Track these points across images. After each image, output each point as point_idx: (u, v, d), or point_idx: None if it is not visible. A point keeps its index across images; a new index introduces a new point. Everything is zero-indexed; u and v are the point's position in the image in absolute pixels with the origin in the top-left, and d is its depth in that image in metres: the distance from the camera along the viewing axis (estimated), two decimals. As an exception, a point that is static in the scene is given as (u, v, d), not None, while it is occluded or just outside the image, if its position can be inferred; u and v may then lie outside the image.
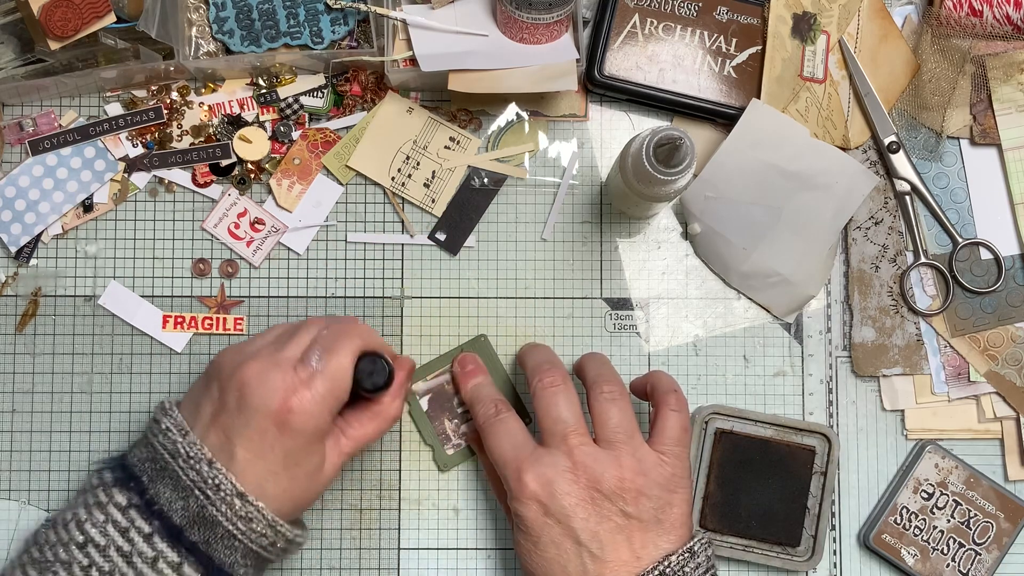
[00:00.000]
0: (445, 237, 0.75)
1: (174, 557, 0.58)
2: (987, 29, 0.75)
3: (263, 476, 0.59)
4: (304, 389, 0.59)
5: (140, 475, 0.60)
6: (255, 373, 0.60)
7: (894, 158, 0.75)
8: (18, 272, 0.74)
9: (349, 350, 0.62)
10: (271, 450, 0.59)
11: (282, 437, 0.59)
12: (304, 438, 0.60)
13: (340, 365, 0.61)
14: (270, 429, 0.59)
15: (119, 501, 0.59)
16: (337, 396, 0.61)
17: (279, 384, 0.59)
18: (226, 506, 0.58)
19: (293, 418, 0.59)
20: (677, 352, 0.75)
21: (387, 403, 0.65)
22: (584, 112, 0.76)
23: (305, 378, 0.60)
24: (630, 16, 0.74)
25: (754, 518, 0.72)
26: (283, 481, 0.60)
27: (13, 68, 0.72)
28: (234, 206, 0.74)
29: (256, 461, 0.59)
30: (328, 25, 0.73)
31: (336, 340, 0.62)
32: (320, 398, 0.60)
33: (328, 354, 0.61)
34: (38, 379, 0.74)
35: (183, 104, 0.75)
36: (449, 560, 0.73)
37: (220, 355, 0.63)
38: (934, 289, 0.75)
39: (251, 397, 0.59)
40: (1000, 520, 0.73)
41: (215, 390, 0.61)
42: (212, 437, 0.60)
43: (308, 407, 0.59)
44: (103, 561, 0.58)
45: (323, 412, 0.60)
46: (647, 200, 0.67)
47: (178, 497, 0.59)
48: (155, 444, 0.60)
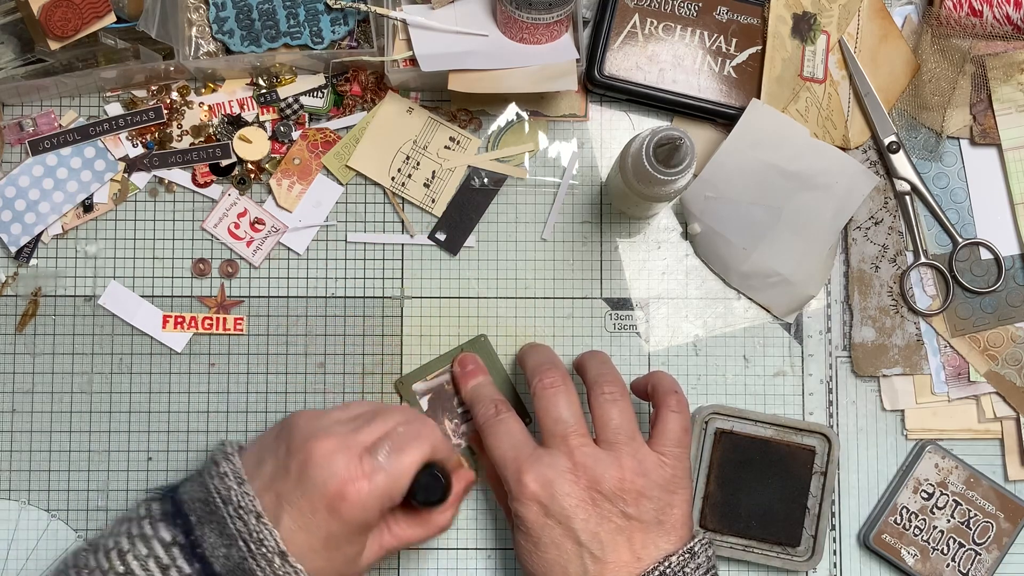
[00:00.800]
0: (445, 237, 0.75)
1: None
2: (987, 29, 0.75)
3: (303, 549, 0.59)
4: (364, 481, 0.59)
5: (189, 514, 0.59)
6: (324, 450, 0.59)
7: (894, 158, 0.75)
8: (18, 272, 0.74)
9: (417, 455, 0.61)
10: (316, 528, 0.59)
11: (330, 519, 0.59)
12: (350, 527, 0.59)
13: (404, 469, 0.60)
14: (320, 509, 0.59)
15: (164, 537, 0.59)
16: (393, 497, 0.61)
17: (342, 469, 0.59)
18: (266, 563, 0.58)
19: (345, 506, 0.58)
20: (677, 352, 0.75)
21: (438, 513, 0.65)
22: (584, 112, 0.76)
23: (368, 471, 0.59)
24: (630, 16, 0.74)
25: (754, 518, 0.72)
26: (319, 560, 0.59)
27: (13, 68, 0.72)
28: (234, 206, 0.74)
29: (299, 533, 0.59)
30: (328, 25, 0.73)
31: (408, 442, 0.61)
32: (376, 494, 0.59)
33: (397, 453, 0.60)
34: (38, 379, 0.74)
35: (183, 104, 0.75)
36: (449, 560, 0.73)
37: (296, 417, 0.63)
38: (934, 289, 0.75)
39: (313, 473, 0.59)
40: (1000, 520, 0.73)
41: (282, 452, 0.61)
42: (267, 495, 0.59)
43: (363, 499, 0.59)
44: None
45: (375, 508, 0.60)
46: (647, 200, 0.67)
47: (222, 544, 0.58)
48: (209, 486, 0.60)
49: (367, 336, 0.74)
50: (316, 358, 0.74)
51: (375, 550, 0.63)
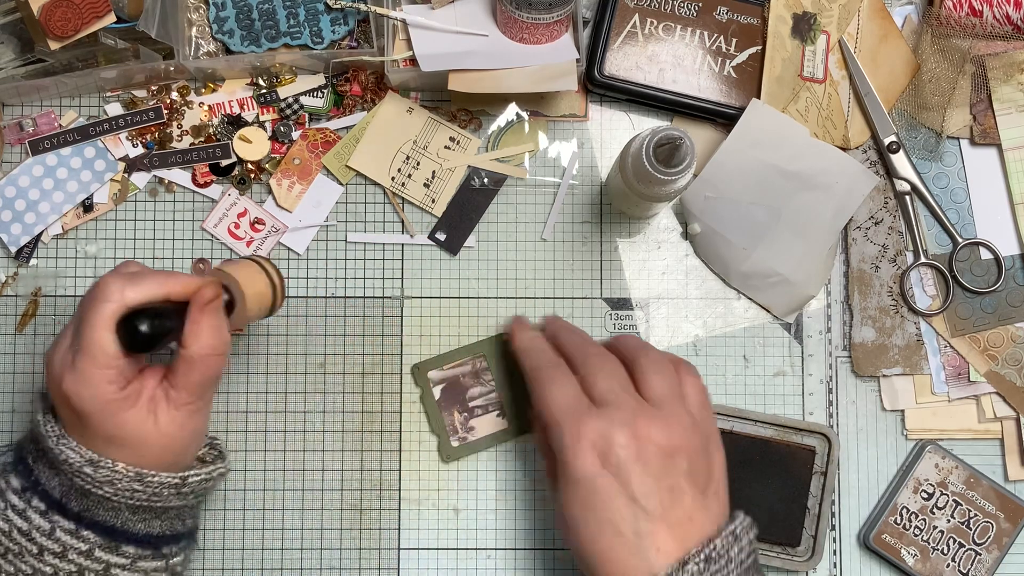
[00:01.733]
0: (445, 237, 0.75)
1: (69, 524, 0.59)
2: (987, 29, 0.75)
3: (100, 449, 0.59)
4: (68, 372, 0.59)
5: (26, 457, 0.61)
6: (47, 361, 0.61)
7: (894, 158, 0.75)
8: (18, 272, 0.74)
9: (99, 319, 0.58)
10: (84, 432, 0.59)
11: (81, 419, 0.59)
12: (97, 416, 0.59)
13: (92, 339, 0.58)
14: (69, 416, 0.60)
15: (15, 485, 0.61)
16: (104, 366, 0.58)
17: (54, 371, 0.60)
18: (84, 476, 0.59)
19: (72, 402, 0.58)
20: (677, 352, 0.75)
21: (188, 345, 0.60)
22: (584, 112, 0.76)
23: (70, 360, 0.59)
24: (630, 16, 0.74)
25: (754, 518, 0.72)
26: (117, 451, 0.60)
27: (13, 68, 0.72)
28: (234, 206, 0.74)
29: (81, 440, 0.60)
30: (328, 25, 0.73)
31: (85, 312, 0.59)
32: (85, 376, 0.58)
33: (81, 329, 0.59)
34: (38, 379, 0.74)
35: (183, 104, 0.75)
36: (449, 560, 0.73)
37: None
38: (934, 289, 0.75)
39: (49, 385, 0.60)
40: (1000, 520, 0.73)
41: None
42: (58, 424, 0.61)
43: (77, 390, 0.58)
44: (11, 544, 0.60)
45: (97, 385, 0.58)
46: (647, 200, 0.67)
47: (53, 474, 0.60)
48: (32, 428, 0.62)
49: (367, 336, 0.74)
50: (316, 358, 0.74)
51: (171, 412, 0.60)
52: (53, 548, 0.59)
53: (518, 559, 0.74)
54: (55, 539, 0.59)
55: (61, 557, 0.59)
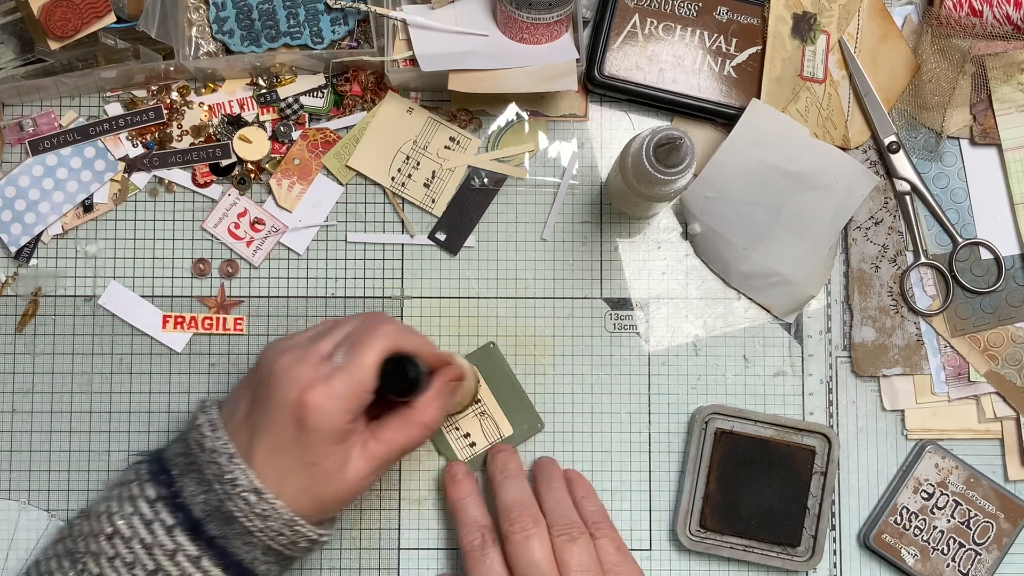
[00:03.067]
0: (445, 237, 0.75)
1: (193, 550, 0.58)
2: (987, 29, 0.75)
3: (281, 474, 0.58)
4: (321, 384, 0.58)
5: (171, 469, 0.60)
6: (283, 365, 0.59)
7: (894, 158, 0.75)
8: (18, 272, 0.74)
9: (375, 349, 0.59)
10: (289, 446, 0.58)
11: (299, 434, 0.58)
12: (320, 436, 0.58)
13: (362, 363, 0.59)
14: (288, 425, 0.58)
15: (149, 494, 0.59)
16: (357, 395, 0.59)
17: (300, 378, 0.58)
18: (243, 502, 0.58)
19: (308, 414, 0.57)
20: (677, 352, 0.75)
21: (419, 409, 0.63)
22: (584, 112, 0.76)
23: (326, 373, 0.58)
24: (630, 16, 0.74)
25: (754, 518, 0.72)
26: (301, 480, 0.59)
27: (13, 68, 0.72)
28: (234, 206, 0.74)
29: (273, 457, 0.58)
30: (328, 25, 0.73)
31: (363, 338, 0.60)
32: (337, 396, 0.58)
33: (352, 351, 0.59)
34: (38, 379, 0.74)
35: (183, 104, 0.75)
36: (449, 560, 0.73)
37: (265, 348, 0.62)
38: (934, 289, 0.75)
39: (274, 390, 0.58)
40: (1000, 520, 0.73)
41: (253, 383, 0.61)
42: (243, 432, 0.59)
43: (323, 403, 0.57)
44: (127, 552, 0.58)
45: (340, 410, 0.58)
46: (647, 200, 0.67)
47: (200, 491, 0.59)
48: (188, 439, 0.61)
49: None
50: (316, 358, 0.74)
51: (362, 462, 0.60)
52: (170, 571, 0.58)
53: (518, 559, 0.74)
54: (175, 562, 0.58)
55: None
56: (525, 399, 0.74)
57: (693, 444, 0.73)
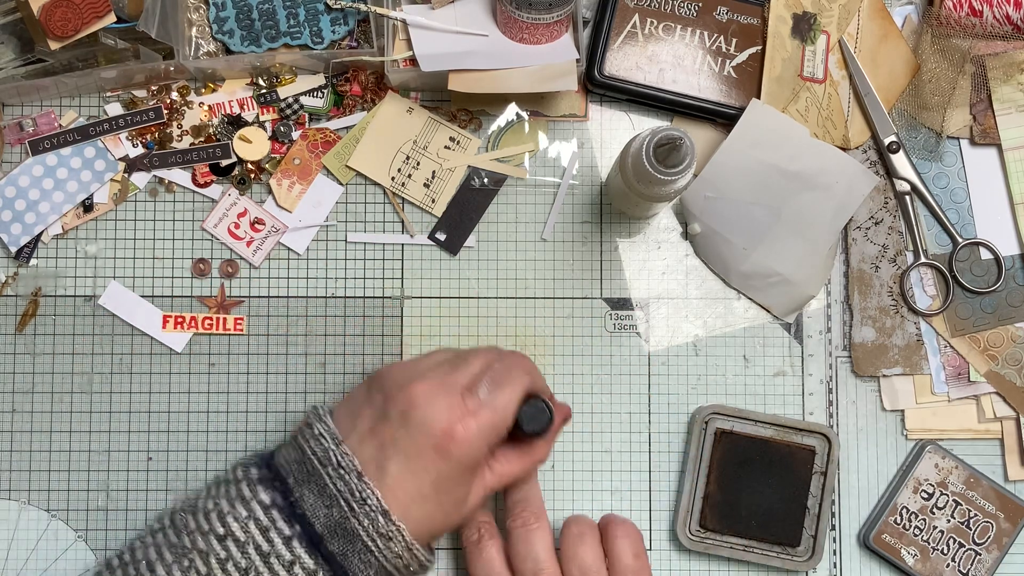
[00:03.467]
0: (445, 237, 0.75)
1: (310, 564, 0.57)
2: (987, 29, 0.75)
3: (411, 497, 0.58)
4: (470, 418, 0.59)
5: (286, 476, 0.59)
6: (424, 391, 0.59)
7: (894, 158, 0.75)
8: (18, 272, 0.74)
9: (519, 388, 0.61)
10: (424, 472, 0.58)
11: (438, 461, 0.58)
12: (459, 467, 0.59)
13: (508, 401, 0.60)
14: (428, 451, 0.58)
15: (263, 499, 0.58)
16: (499, 432, 0.60)
17: (445, 408, 0.58)
18: (369, 521, 0.57)
19: (454, 446, 0.58)
20: (677, 352, 0.75)
21: (538, 445, 0.65)
22: (584, 112, 0.76)
23: (473, 408, 0.59)
24: (630, 16, 0.74)
25: (754, 518, 0.72)
26: (429, 506, 0.59)
27: (13, 68, 0.72)
28: (234, 206, 0.74)
29: (408, 479, 0.58)
30: (328, 25, 0.73)
31: (507, 375, 0.61)
32: (483, 431, 0.59)
33: (498, 388, 0.60)
34: (38, 379, 0.74)
35: (183, 104, 0.75)
36: (449, 560, 0.73)
37: (387, 368, 0.62)
38: (934, 289, 0.75)
39: (417, 414, 0.58)
40: (1000, 520, 0.73)
41: (378, 401, 0.60)
42: (367, 447, 0.59)
43: (470, 437, 0.58)
44: (241, 557, 0.57)
45: (482, 445, 0.59)
46: (647, 200, 0.67)
47: (322, 505, 0.58)
48: (305, 448, 0.60)
49: (367, 336, 0.74)
50: (316, 358, 0.74)
51: (479, 491, 0.62)
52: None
53: None
54: (292, 574, 0.57)
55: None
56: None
57: (693, 444, 0.73)
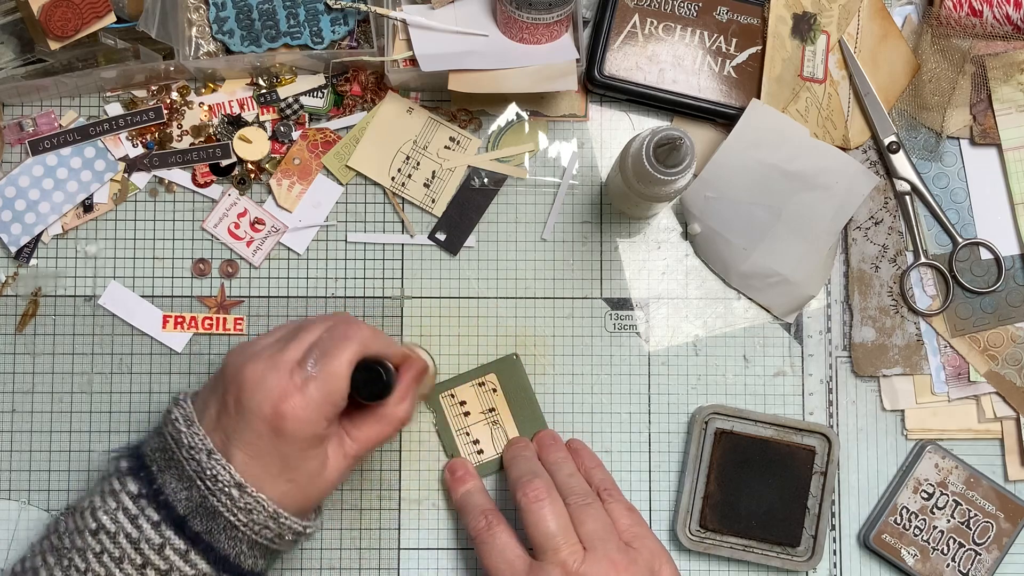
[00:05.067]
0: (445, 237, 0.75)
1: (181, 544, 0.58)
2: (987, 29, 0.75)
3: (261, 478, 0.59)
4: (297, 394, 0.59)
5: (150, 464, 0.60)
6: (252, 375, 0.59)
7: (894, 158, 0.75)
8: (18, 272, 0.74)
9: (346, 356, 0.61)
10: (267, 454, 0.59)
11: (277, 441, 0.59)
12: (299, 443, 0.59)
13: (335, 372, 0.60)
14: (265, 433, 0.59)
15: (131, 490, 0.60)
16: (333, 402, 0.60)
17: (274, 388, 0.59)
18: (225, 496, 0.58)
19: (286, 424, 0.59)
20: (677, 352, 0.75)
21: (391, 407, 0.65)
22: (584, 112, 0.76)
23: (299, 383, 0.59)
24: (630, 16, 0.74)
25: (754, 518, 0.72)
26: (281, 484, 0.60)
27: (13, 68, 0.72)
28: (234, 206, 0.74)
29: (253, 463, 0.59)
30: (328, 25, 0.73)
31: (333, 345, 0.61)
32: (314, 404, 0.59)
33: (324, 359, 0.60)
34: (38, 379, 0.74)
35: (183, 104, 0.75)
36: (449, 560, 0.73)
37: (229, 353, 0.63)
38: (934, 289, 0.75)
39: (248, 400, 0.59)
40: (1000, 520, 0.73)
41: (220, 390, 0.61)
42: (215, 437, 0.60)
43: (301, 413, 0.59)
44: (113, 547, 0.59)
45: (318, 418, 0.60)
46: (647, 200, 0.67)
47: (182, 487, 0.59)
48: (164, 434, 0.61)
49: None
50: (316, 358, 0.74)
51: (339, 460, 0.62)
52: (158, 564, 0.58)
53: None
54: (163, 556, 0.58)
55: (164, 575, 0.58)
56: (537, 412, 0.74)
57: (693, 444, 0.73)
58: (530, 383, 0.74)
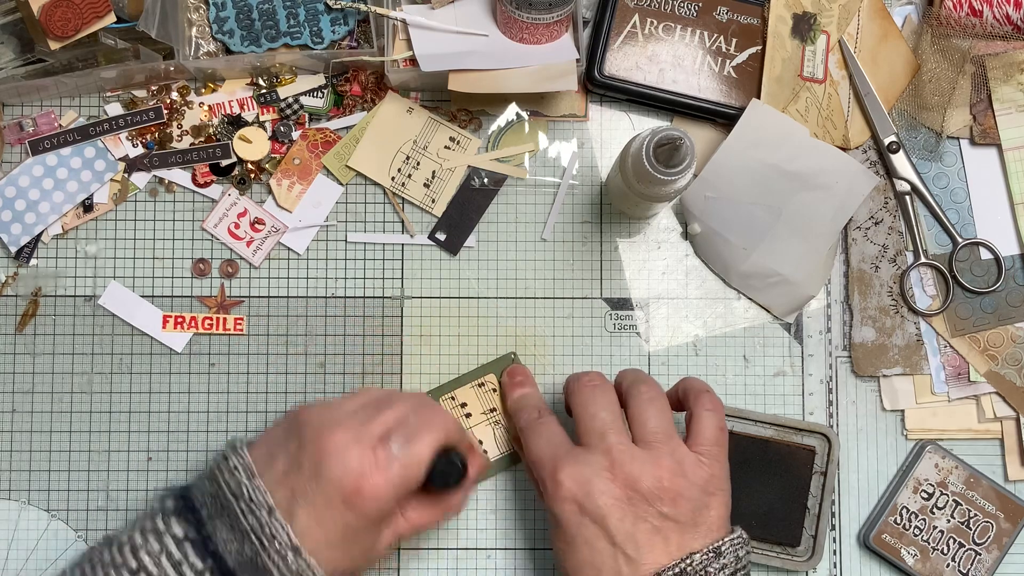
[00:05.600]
0: (445, 237, 0.75)
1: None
2: (987, 29, 0.75)
3: (319, 544, 0.58)
4: (380, 474, 0.59)
5: (200, 508, 0.59)
6: (337, 444, 0.59)
7: (894, 158, 0.75)
8: (18, 272, 0.74)
9: (431, 443, 0.61)
10: (332, 522, 0.58)
11: (346, 513, 0.58)
12: (368, 520, 0.59)
13: (419, 457, 0.60)
14: (337, 503, 0.58)
15: (176, 532, 0.59)
16: (409, 486, 0.60)
17: (356, 462, 0.58)
18: (279, 557, 0.57)
19: (361, 500, 0.58)
20: (677, 352, 0.75)
21: (453, 496, 0.65)
22: (584, 112, 0.76)
23: (383, 463, 0.59)
24: (630, 16, 0.74)
25: (754, 518, 0.72)
26: (336, 552, 0.59)
27: (13, 68, 0.72)
28: (234, 206, 0.74)
29: (316, 528, 0.58)
30: (328, 25, 0.73)
31: (421, 430, 0.61)
32: (392, 486, 0.59)
33: (411, 443, 0.60)
34: (38, 379, 0.74)
35: (183, 104, 0.75)
36: (449, 560, 0.73)
37: (305, 411, 0.62)
38: (934, 289, 0.75)
39: (328, 467, 0.58)
40: (1000, 520, 0.73)
41: (293, 447, 0.60)
42: (280, 492, 0.59)
43: (379, 492, 0.59)
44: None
45: (391, 499, 0.60)
46: (647, 200, 0.67)
47: (235, 539, 0.58)
48: (219, 480, 0.60)
49: (367, 336, 0.74)
50: (316, 358, 0.74)
51: (389, 538, 0.62)
52: None
53: (518, 559, 0.74)
54: None
55: None
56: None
57: (693, 444, 0.73)
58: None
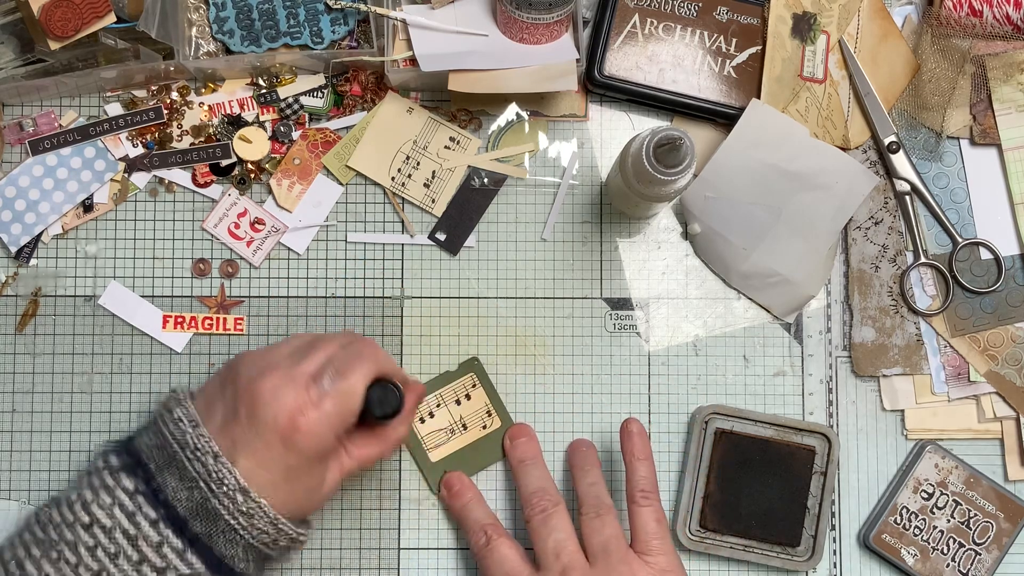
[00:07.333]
0: (445, 237, 0.75)
1: (179, 543, 0.58)
2: (987, 29, 0.75)
3: (264, 486, 0.59)
4: (313, 409, 0.59)
5: (148, 462, 0.60)
6: (269, 387, 0.60)
7: (894, 158, 0.75)
8: (18, 272, 0.74)
9: (362, 374, 0.61)
10: (274, 463, 0.59)
11: (286, 453, 0.59)
12: (307, 456, 0.60)
13: (351, 389, 0.61)
14: (275, 444, 0.59)
15: (127, 486, 0.59)
16: (345, 419, 0.61)
17: (290, 401, 0.59)
18: (228, 500, 0.58)
19: (299, 437, 0.59)
20: (677, 352, 0.75)
21: (393, 427, 0.65)
22: (584, 112, 0.76)
23: (315, 398, 0.60)
24: (630, 16, 0.74)
25: (754, 518, 0.72)
26: (281, 494, 0.60)
27: (13, 68, 0.72)
28: (234, 206, 0.74)
29: (258, 471, 0.59)
30: (328, 25, 0.73)
31: (350, 362, 0.61)
32: (327, 420, 0.60)
33: (341, 376, 0.61)
34: (38, 379, 0.74)
35: (183, 104, 0.75)
36: (449, 560, 0.74)
37: (239, 359, 0.63)
38: (934, 289, 0.75)
39: (261, 411, 0.59)
40: (1000, 520, 0.73)
41: (229, 396, 0.61)
42: (222, 441, 0.60)
43: (315, 428, 0.59)
44: (108, 543, 0.58)
45: (328, 433, 0.60)
46: (647, 200, 0.67)
47: (183, 487, 0.59)
48: (165, 432, 0.60)
49: (367, 336, 0.74)
50: (316, 358, 0.74)
51: (336, 475, 0.63)
52: (155, 562, 0.58)
53: (518, 559, 0.74)
54: (161, 554, 0.58)
55: (160, 573, 0.58)
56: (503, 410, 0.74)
57: (693, 444, 0.73)
58: (493, 383, 0.74)
